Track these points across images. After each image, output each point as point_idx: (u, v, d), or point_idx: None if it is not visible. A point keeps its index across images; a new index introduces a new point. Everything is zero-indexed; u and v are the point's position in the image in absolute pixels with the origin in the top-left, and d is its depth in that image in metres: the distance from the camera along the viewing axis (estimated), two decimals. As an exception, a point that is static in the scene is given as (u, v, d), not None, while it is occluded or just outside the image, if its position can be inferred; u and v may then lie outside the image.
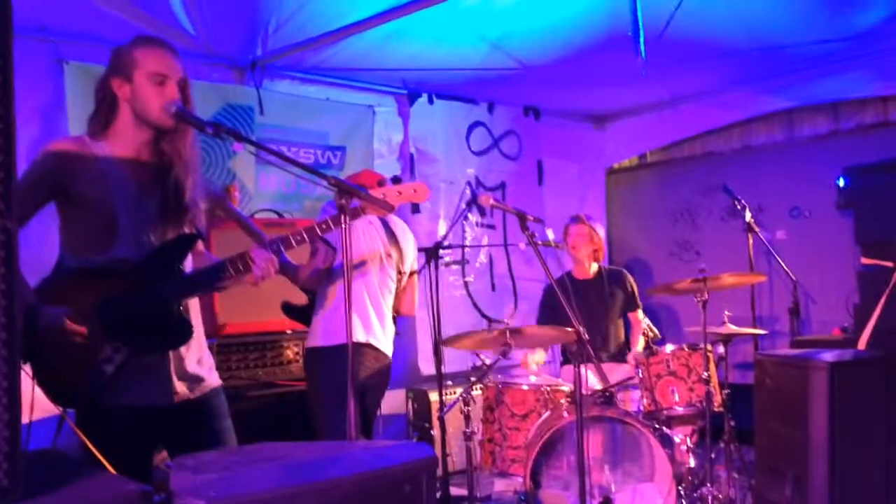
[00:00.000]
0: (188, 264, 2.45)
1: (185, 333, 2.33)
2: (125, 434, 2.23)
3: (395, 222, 3.72)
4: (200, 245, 2.55)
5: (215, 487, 1.40)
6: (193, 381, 2.40)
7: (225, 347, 3.93)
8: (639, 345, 4.64)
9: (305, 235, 2.45)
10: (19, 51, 1.35)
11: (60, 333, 2.12)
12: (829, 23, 4.66)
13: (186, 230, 2.42)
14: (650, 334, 3.95)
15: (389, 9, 4.13)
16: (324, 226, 2.47)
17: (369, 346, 3.48)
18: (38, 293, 2.23)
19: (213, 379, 2.49)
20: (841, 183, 5.28)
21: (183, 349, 2.37)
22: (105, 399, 2.23)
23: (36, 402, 2.12)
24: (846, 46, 5.03)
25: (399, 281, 3.70)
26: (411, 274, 3.79)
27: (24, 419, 2.01)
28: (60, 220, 2.33)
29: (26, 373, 1.99)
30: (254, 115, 4.77)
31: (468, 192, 5.85)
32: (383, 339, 3.55)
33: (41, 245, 2.61)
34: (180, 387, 2.36)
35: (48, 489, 1.34)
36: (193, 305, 2.46)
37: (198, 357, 2.44)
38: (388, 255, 3.60)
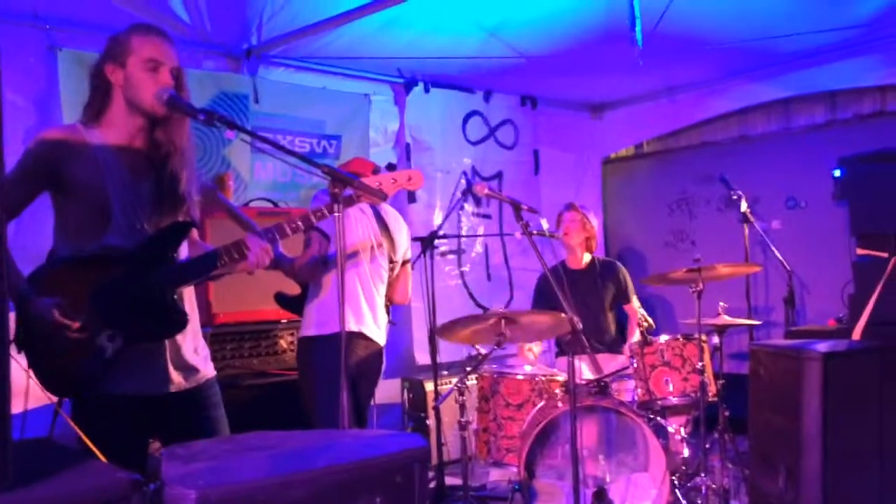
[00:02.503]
0: (183, 252, 2.44)
1: (179, 322, 2.32)
2: (121, 423, 2.22)
3: (387, 211, 3.71)
4: (195, 234, 2.55)
5: (205, 477, 1.39)
6: (189, 371, 2.40)
7: (220, 337, 3.93)
8: (634, 336, 4.65)
9: (300, 223, 2.45)
10: (12, 38, 1.34)
11: (51, 326, 2.11)
12: (827, 12, 4.65)
13: (181, 219, 2.41)
14: (644, 324, 3.96)
15: (385, -4, 4.11)
16: (318, 213, 2.47)
17: (361, 335, 3.48)
18: (31, 281, 2.22)
19: (208, 370, 2.48)
20: (837, 173, 5.27)
21: (179, 338, 2.36)
22: (100, 388, 2.22)
23: (32, 392, 2.12)
24: (844, 36, 5.01)
25: (392, 270, 3.69)
26: (404, 263, 3.78)
27: (20, 408, 2.01)
28: (54, 209, 2.33)
29: (18, 363, 1.98)
30: (248, 103, 4.75)
31: (464, 181, 5.86)
32: (374, 329, 3.55)
33: (35, 235, 2.60)
34: (176, 376, 2.36)
35: (38, 477, 1.33)
36: (188, 294, 2.46)
37: (194, 346, 2.44)
38: (380, 245, 3.59)
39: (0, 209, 1.31)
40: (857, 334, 3.57)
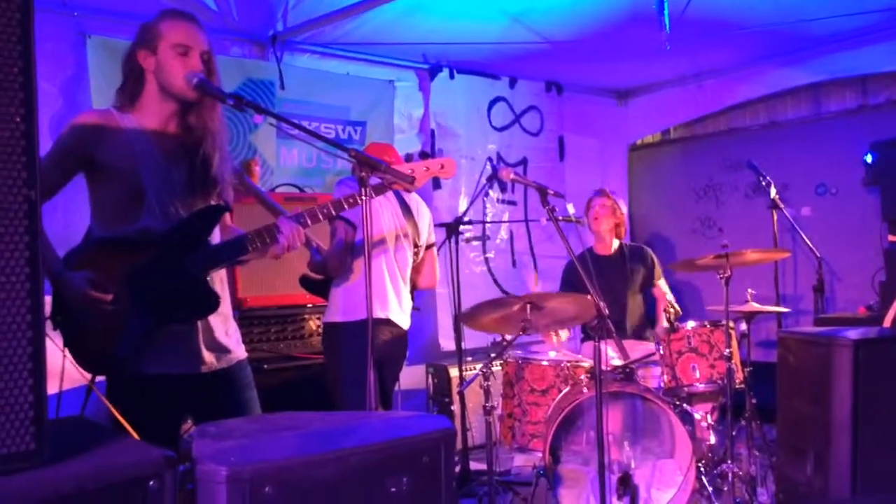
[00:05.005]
0: (215, 236, 2.47)
1: (211, 304, 2.36)
2: (153, 402, 2.26)
3: (410, 196, 3.71)
4: (227, 218, 2.57)
5: (236, 454, 1.41)
6: (221, 351, 2.43)
7: (246, 320, 3.97)
8: (665, 318, 4.60)
9: (332, 209, 2.48)
10: (42, 24, 1.35)
11: (83, 299, 2.14)
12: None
13: (214, 202, 2.44)
14: (671, 310, 3.92)
15: (410, -18, 4.11)
16: (350, 199, 2.49)
17: (386, 321, 3.50)
18: (67, 263, 2.27)
19: (240, 351, 2.52)
20: (868, 159, 5.19)
21: (212, 319, 2.40)
22: (133, 368, 2.27)
23: (67, 373, 2.16)
24: (875, 19, 4.92)
25: (416, 255, 3.70)
26: (429, 247, 3.79)
27: (55, 389, 2.04)
28: (89, 192, 2.37)
29: (54, 343, 2.01)
30: (275, 89, 4.77)
31: (489, 167, 5.84)
32: (399, 314, 3.56)
33: (72, 216, 2.65)
34: (208, 357, 2.39)
35: (73, 454, 1.35)
36: (220, 278, 2.49)
37: (226, 328, 2.48)
38: (405, 231, 3.60)
39: (36, 195, 1.32)
40: (888, 322, 3.53)
